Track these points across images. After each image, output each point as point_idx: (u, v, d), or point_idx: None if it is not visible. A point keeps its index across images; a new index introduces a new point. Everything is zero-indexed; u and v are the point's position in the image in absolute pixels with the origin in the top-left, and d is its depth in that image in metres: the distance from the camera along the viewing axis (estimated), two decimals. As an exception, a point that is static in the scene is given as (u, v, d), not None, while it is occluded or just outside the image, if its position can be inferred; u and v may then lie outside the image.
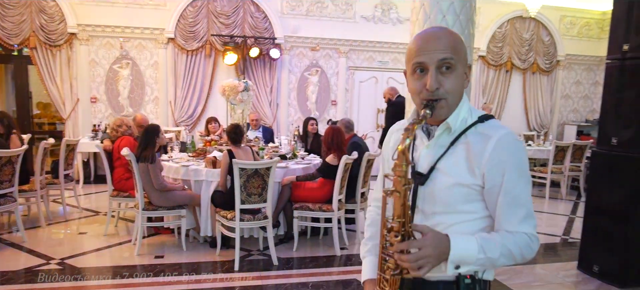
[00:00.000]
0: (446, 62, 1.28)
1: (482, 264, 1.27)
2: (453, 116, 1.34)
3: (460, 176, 1.30)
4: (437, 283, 1.32)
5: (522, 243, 1.29)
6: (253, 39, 8.81)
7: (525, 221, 1.30)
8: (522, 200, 1.30)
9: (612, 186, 4.33)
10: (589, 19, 10.53)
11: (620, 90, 4.33)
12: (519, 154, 1.31)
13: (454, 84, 1.30)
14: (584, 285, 4.28)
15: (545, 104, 10.45)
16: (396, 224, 1.24)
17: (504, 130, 1.32)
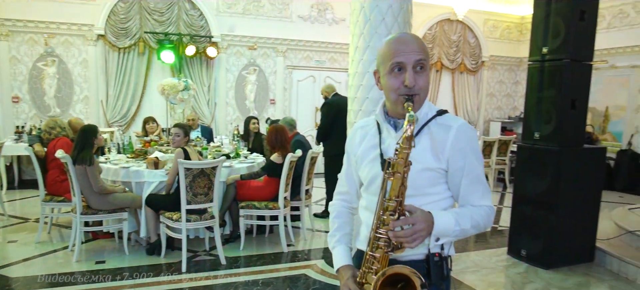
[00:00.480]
0: (420, 62, 1.45)
1: (456, 234, 1.44)
2: (421, 110, 1.52)
3: (427, 162, 1.47)
4: (409, 262, 1.44)
5: (485, 214, 1.51)
6: (189, 37, 8.64)
7: (484, 196, 1.52)
8: (481, 179, 1.53)
9: (536, 177, 4.72)
10: (510, 22, 11.31)
11: (540, 89, 4.73)
12: (474, 140, 1.53)
13: (425, 81, 1.48)
14: (513, 268, 4.65)
15: (472, 102, 11.11)
16: (394, 203, 1.37)
17: (461, 121, 1.53)
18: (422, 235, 1.36)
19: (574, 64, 4.48)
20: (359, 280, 1.48)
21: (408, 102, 1.42)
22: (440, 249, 1.49)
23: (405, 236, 1.34)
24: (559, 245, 4.60)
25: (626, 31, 9.25)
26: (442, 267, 1.50)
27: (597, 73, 9.74)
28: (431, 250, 1.47)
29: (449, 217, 1.43)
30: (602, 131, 9.91)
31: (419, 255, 1.48)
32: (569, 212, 4.58)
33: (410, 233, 1.34)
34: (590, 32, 4.58)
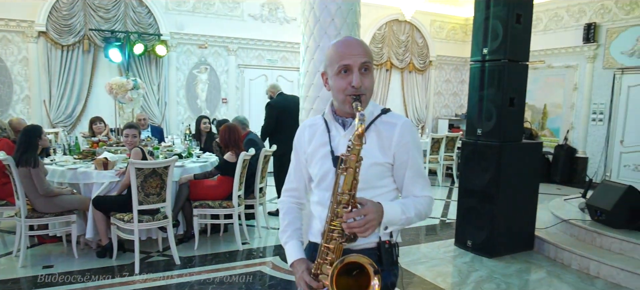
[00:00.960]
0: (365, 64, 1.56)
1: (403, 223, 1.56)
2: (368, 109, 1.62)
3: (375, 157, 1.58)
4: (362, 251, 1.54)
5: (426, 203, 1.64)
6: (137, 34, 8.43)
7: (425, 187, 1.66)
8: (422, 172, 1.66)
9: (479, 171, 4.97)
10: (455, 23, 11.75)
11: (482, 88, 4.99)
12: (416, 136, 1.66)
13: (370, 82, 1.59)
14: (460, 258, 4.88)
15: (421, 101, 11.46)
16: (347, 196, 1.46)
17: (403, 119, 1.66)
18: (373, 224, 1.46)
19: (512, 64, 4.76)
20: (314, 271, 1.55)
21: (356, 102, 1.51)
22: (389, 237, 1.61)
23: (358, 226, 1.43)
24: (501, 235, 4.88)
25: (561, 33, 9.84)
26: (392, 253, 1.62)
27: (536, 72, 10.33)
28: (382, 238, 1.59)
29: (396, 207, 1.54)
30: (541, 127, 10.49)
31: (371, 244, 1.59)
32: (510, 204, 4.87)
33: (362, 223, 1.43)
34: (526, 34, 4.87)
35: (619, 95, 8.96)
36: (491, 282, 4.21)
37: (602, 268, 4.38)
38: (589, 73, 9.38)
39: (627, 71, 8.77)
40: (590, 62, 9.33)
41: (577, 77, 9.65)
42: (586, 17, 9.32)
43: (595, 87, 9.31)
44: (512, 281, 4.25)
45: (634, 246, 4.42)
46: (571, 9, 9.64)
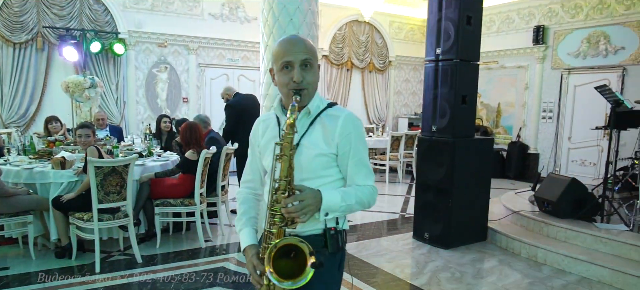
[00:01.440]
0: (306, 61, 1.65)
1: (343, 210, 1.64)
2: (313, 103, 1.72)
3: (320, 148, 1.67)
4: (310, 236, 1.65)
5: (368, 192, 1.71)
6: (93, 33, 8.26)
7: (368, 177, 1.73)
8: (365, 162, 1.74)
9: (435, 166, 5.18)
10: (413, 25, 12.06)
11: (436, 86, 5.20)
12: (359, 128, 1.74)
13: (312, 77, 1.68)
14: (418, 250, 5.07)
15: (381, 100, 11.70)
16: (283, 183, 1.56)
17: (347, 112, 1.75)
18: (310, 210, 1.55)
19: (463, 64, 4.99)
20: (261, 256, 1.63)
21: (296, 95, 1.62)
22: (335, 224, 1.70)
23: (295, 211, 1.53)
24: (456, 227, 5.10)
25: (513, 35, 10.29)
26: (337, 239, 1.71)
27: (490, 73, 10.75)
28: (327, 225, 1.68)
29: (336, 195, 1.63)
30: (496, 125, 10.93)
31: (317, 230, 1.68)
32: (464, 197, 5.10)
33: (299, 208, 1.53)
34: (476, 36, 5.11)
35: (566, 94, 9.45)
36: (446, 271, 4.41)
37: (549, 255, 4.66)
38: (538, 73, 9.85)
39: (573, 71, 9.27)
40: (539, 62, 9.80)
41: (528, 77, 10.11)
42: (535, 20, 9.78)
43: (545, 87, 9.79)
44: (466, 270, 4.46)
45: (577, 234, 4.72)
46: (521, 12, 10.09)
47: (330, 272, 1.72)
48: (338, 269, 1.77)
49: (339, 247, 1.72)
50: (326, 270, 1.68)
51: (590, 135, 8.39)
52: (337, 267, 1.75)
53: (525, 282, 4.19)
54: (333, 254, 1.70)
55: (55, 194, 4.50)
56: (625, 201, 6.00)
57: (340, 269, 1.78)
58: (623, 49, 8.44)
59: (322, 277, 1.66)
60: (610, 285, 4.12)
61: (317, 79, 1.73)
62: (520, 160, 10.14)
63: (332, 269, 1.73)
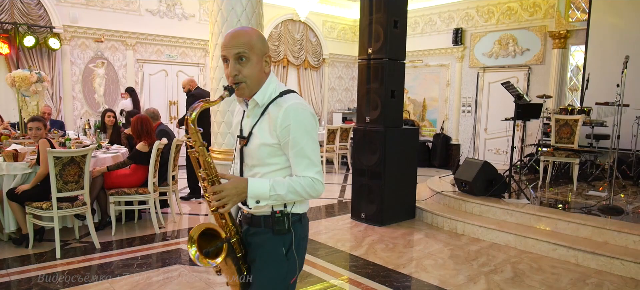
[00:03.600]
0: (240, 54, 1.68)
1: (275, 198, 1.70)
2: (259, 94, 1.75)
3: (265, 138, 1.73)
4: (260, 217, 1.80)
5: (306, 184, 1.72)
6: (26, 26, 8.12)
7: (308, 168, 1.72)
8: (306, 152, 1.71)
9: (368, 153, 5.80)
10: (345, 24, 12.75)
11: (368, 82, 5.81)
12: (302, 118, 1.70)
13: (249, 70, 1.70)
14: (355, 228, 5.67)
15: (317, 96, 12.28)
16: (203, 173, 1.70)
17: (292, 101, 1.73)
18: (230, 200, 1.66)
19: (392, 62, 5.64)
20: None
21: (225, 91, 1.68)
22: (283, 207, 1.77)
23: (216, 200, 1.65)
24: (389, 207, 5.75)
25: (435, 36, 11.25)
26: (283, 221, 1.78)
27: (416, 71, 11.66)
28: (274, 208, 1.76)
29: (265, 184, 1.69)
30: (422, 119, 11.87)
31: (266, 212, 1.77)
32: (395, 180, 5.75)
33: (218, 198, 1.64)
34: (402, 38, 5.77)
35: (482, 90, 10.52)
36: (381, 243, 5.03)
37: (466, 227, 5.42)
38: (458, 71, 10.86)
39: (487, 70, 10.34)
40: (459, 61, 10.81)
41: (449, 74, 11.11)
42: (454, 23, 10.78)
43: (464, 83, 10.82)
44: (398, 241, 5.11)
45: (488, 208, 5.53)
46: (442, 15, 11.06)
47: (274, 251, 1.79)
48: (286, 249, 1.80)
49: (285, 230, 1.78)
50: (270, 250, 1.79)
51: (503, 126, 9.44)
52: (282, 246, 1.79)
53: (446, 249, 4.90)
54: (279, 234, 1.78)
55: (9, 186, 4.60)
56: (530, 182, 6.99)
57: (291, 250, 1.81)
58: (528, 50, 9.59)
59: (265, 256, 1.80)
60: (514, 248, 4.92)
61: (259, 71, 1.72)
62: (444, 150, 11.13)
63: (276, 249, 1.79)
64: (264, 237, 1.80)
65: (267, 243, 1.80)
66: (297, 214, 1.83)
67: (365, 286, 3.89)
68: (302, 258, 1.89)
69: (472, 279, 4.08)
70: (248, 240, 1.86)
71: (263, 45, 1.75)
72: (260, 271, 1.82)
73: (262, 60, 1.74)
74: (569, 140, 6.71)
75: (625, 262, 4.20)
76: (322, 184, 1.76)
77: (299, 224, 1.84)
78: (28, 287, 3.74)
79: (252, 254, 1.84)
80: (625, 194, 6.16)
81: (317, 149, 1.76)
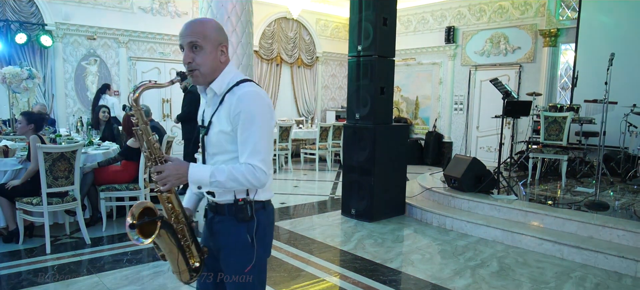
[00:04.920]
0: (193, 43, 1.74)
1: (215, 185, 1.72)
2: (216, 83, 1.80)
3: (222, 126, 1.77)
4: (224, 205, 1.85)
5: (247, 171, 1.73)
6: (18, 24, 8.12)
7: (252, 155, 1.73)
8: (251, 140, 1.73)
9: (358, 150, 5.83)
10: (338, 22, 12.78)
11: (358, 79, 5.86)
12: (253, 106, 1.74)
13: (202, 59, 1.75)
14: (346, 223, 5.71)
15: (310, 94, 12.31)
16: (147, 153, 1.74)
17: (246, 89, 1.77)
18: (170, 180, 1.69)
19: (381, 59, 5.69)
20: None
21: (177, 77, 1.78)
22: (245, 195, 1.81)
23: (156, 180, 1.70)
24: (378, 203, 5.79)
25: (427, 34, 11.31)
26: (245, 209, 1.82)
27: (409, 69, 11.72)
28: (237, 196, 1.80)
29: (206, 171, 1.72)
30: (415, 117, 11.93)
31: (229, 200, 1.83)
32: (384, 176, 5.80)
33: (159, 178, 1.69)
34: (392, 35, 5.82)
35: (474, 88, 10.59)
36: (370, 238, 5.08)
37: (455, 222, 5.48)
38: (450, 69, 10.93)
39: (479, 68, 10.41)
40: (451, 59, 10.88)
41: (441, 72, 11.18)
42: (447, 21, 10.85)
43: (456, 81, 10.89)
44: (387, 237, 5.16)
45: (477, 204, 5.59)
46: (435, 14, 11.13)
47: (239, 238, 1.83)
48: (251, 236, 1.83)
49: (247, 217, 1.82)
50: (235, 237, 1.83)
51: (494, 124, 9.52)
52: (246, 233, 1.83)
53: (435, 244, 4.96)
54: (242, 222, 1.82)
55: (1, 182, 4.62)
56: (520, 178, 7.06)
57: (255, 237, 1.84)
58: (519, 48, 9.67)
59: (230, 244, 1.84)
60: (501, 243, 4.99)
61: (213, 60, 1.77)
62: (437, 147, 11.19)
63: (241, 236, 1.83)
64: (229, 225, 1.85)
65: (232, 230, 1.85)
66: (261, 201, 1.87)
67: (353, 280, 3.94)
68: (269, 244, 1.95)
69: (458, 273, 4.13)
70: (214, 229, 1.91)
71: (218, 35, 1.80)
72: (228, 258, 1.88)
73: (217, 50, 1.79)
74: (557, 137, 6.78)
75: (608, 256, 4.27)
76: (264, 173, 1.76)
77: (263, 211, 1.89)
78: (18, 281, 3.77)
79: (218, 243, 1.90)
80: (613, 190, 6.24)
81: (264, 137, 1.76)
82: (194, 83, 1.81)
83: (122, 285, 3.74)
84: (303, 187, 8.19)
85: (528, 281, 3.98)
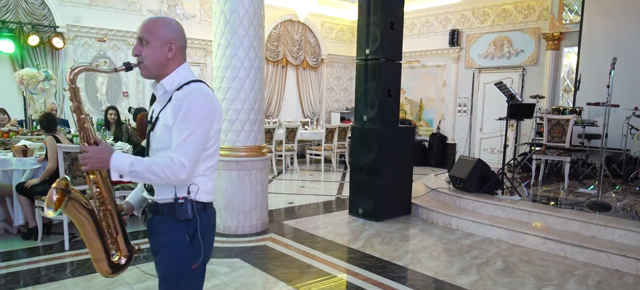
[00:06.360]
0: (142, 38, 1.82)
1: (134, 175, 1.71)
2: (167, 80, 1.85)
3: (167, 120, 1.80)
4: (164, 204, 1.84)
5: (165, 164, 1.72)
6: (30, 26, 8.28)
7: (176, 149, 1.73)
8: (180, 134, 1.74)
9: (366, 151, 5.97)
10: (343, 25, 12.93)
11: (366, 81, 5.99)
12: (195, 104, 1.77)
13: (147, 53, 1.81)
14: (353, 223, 5.85)
15: (315, 95, 12.46)
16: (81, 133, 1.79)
17: (194, 86, 1.82)
18: (89, 162, 1.71)
19: (388, 63, 5.83)
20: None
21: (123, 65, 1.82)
22: (187, 194, 1.82)
23: (79, 158, 1.74)
24: (385, 203, 5.92)
25: (432, 37, 11.44)
26: (186, 207, 1.82)
27: (413, 71, 11.85)
28: (177, 195, 1.81)
29: (125, 160, 1.72)
30: (419, 119, 12.06)
31: (169, 199, 1.83)
32: (391, 177, 5.92)
33: (81, 157, 1.72)
34: (399, 39, 5.96)
35: (477, 91, 10.72)
36: (378, 237, 5.21)
37: (460, 222, 5.61)
38: (454, 72, 11.06)
39: (483, 70, 10.54)
40: (455, 62, 11.01)
41: (445, 75, 11.31)
42: (451, 24, 10.98)
43: (460, 84, 11.02)
44: (394, 236, 5.29)
45: (481, 204, 5.71)
46: (439, 17, 11.26)
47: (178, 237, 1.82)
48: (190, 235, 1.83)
49: (188, 217, 1.82)
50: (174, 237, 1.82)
51: (498, 126, 9.62)
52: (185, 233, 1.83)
53: (440, 243, 5.09)
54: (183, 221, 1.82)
55: (18, 180, 4.77)
56: (523, 180, 7.18)
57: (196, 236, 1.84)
58: (523, 51, 9.79)
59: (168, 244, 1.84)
60: (506, 242, 5.11)
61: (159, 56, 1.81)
62: (440, 149, 11.32)
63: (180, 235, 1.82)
64: (168, 225, 1.85)
65: (171, 230, 1.84)
66: (202, 202, 1.88)
67: (363, 276, 4.07)
68: (209, 247, 1.94)
69: (464, 270, 4.26)
70: (153, 230, 1.92)
71: (167, 33, 1.83)
72: (165, 258, 1.87)
73: (165, 46, 1.82)
74: (560, 139, 6.91)
75: (611, 254, 4.39)
76: (183, 168, 1.72)
77: (204, 212, 1.89)
78: (37, 276, 3.91)
79: (156, 243, 1.90)
80: (615, 192, 6.36)
81: (197, 135, 1.76)
82: (142, 75, 1.86)
83: (143, 279, 3.88)
84: (309, 188, 8.32)
85: (532, 278, 4.10)
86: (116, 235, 1.87)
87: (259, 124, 5.34)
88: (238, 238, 5.06)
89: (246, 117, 5.20)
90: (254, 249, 4.75)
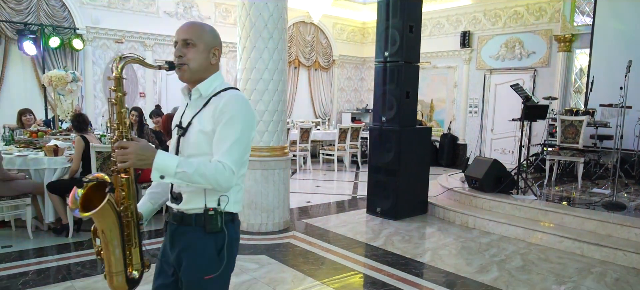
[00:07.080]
0: (187, 40, 1.76)
1: (180, 176, 1.61)
2: (204, 84, 1.80)
3: (203, 125, 1.74)
4: (192, 215, 1.77)
5: (216, 168, 1.66)
6: (51, 28, 8.46)
7: (225, 155, 1.68)
8: (227, 140, 1.70)
9: (384, 151, 6.10)
10: (354, 27, 13.06)
11: (384, 83, 6.12)
12: (239, 110, 1.74)
13: (192, 55, 1.76)
14: (371, 221, 5.98)
15: (326, 96, 12.60)
16: (115, 126, 1.69)
17: (236, 93, 1.80)
18: (130, 158, 1.60)
19: (407, 65, 5.96)
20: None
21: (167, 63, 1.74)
22: (217, 205, 1.74)
23: (119, 154, 1.61)
24: (403, 202, 6.05)
25: (443, 38, 11.55)
26: (216, 219, 1.74)
27: (424, 72, 11.94)
28: (207, 205, 1.73)
29: (173, 159, 1.63)
30: (429, 119, 12.16)
31: (199, 209, 1.75)
32: (408, 177, 6.05)
33: (120, 153, 1.61)
34: (417, 41, 6.10)
35: (488, 92, 10.80)
36: (398, 235, 5.34)
37: (477, 221, 5.73)
38: (465, 73, 11.16)
39: (494, 72, 10.63)
40: (466, 63, 11.11)
41: (456, 76, 11.41)
42: (462, 26, 11.08)
43: (471, 85, 11.12)
44: (413, 234, 5.42)
45: (498, 203, 5.83)
46: (450, 18, 11.36)
47: (205, 251, 1.75)
48: (218, 249, 1.77)
49: (218, 229, 1.75)
50: (201, 250, 1.74)
51: (509, 127, 9.74)
52: (214, 246, 1.76)
53: (459, 241, 5.21)
54: (211, 233, 1.75)
55: (50, 179, 4.93)
56: (536, 180, 7.28)
57: (222, 252, 1.77)
58: (534, 53, 9.89)
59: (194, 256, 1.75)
60: (523, 240, 5.23)
61: (204, 59, 1.78)
62: (451, 150, 11.43)
63: (207, 248, 1.75)
64: (195, 236, 1.77)
65: (198, 242, 1.77)
66: (230, 213, 1.81)
67: (387, 272, 4.20)
68: (234, 260, 1.85)
69: (484, 267, 4.38)
70: (177, 241, 1.82)
71: (213, 40, 1.83)
72: (190, 273, 1.77)
73: (209, 52, 1.80)
74: (574, 140, 7.01)
75: (627, 253, 4.50)
76: (233, 175, 1.68)
77: (232, 224, 1.83)
78: (68, 273, 4.05)
79: (180, 256, 1.80)
80: (628, 192, 6.46)
81: (243, 141, 1.73)
82: (180, 78, 1.80)
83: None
84: (324, 187, 8.46)
85: (552, 275, 4.22)
86: (134, 246, 1.78)
87: (281, 125, 5.49)
88: (262, 235, 5.20)
89: (270, 118, 5.35)
90: (279, 246, 4.89)
